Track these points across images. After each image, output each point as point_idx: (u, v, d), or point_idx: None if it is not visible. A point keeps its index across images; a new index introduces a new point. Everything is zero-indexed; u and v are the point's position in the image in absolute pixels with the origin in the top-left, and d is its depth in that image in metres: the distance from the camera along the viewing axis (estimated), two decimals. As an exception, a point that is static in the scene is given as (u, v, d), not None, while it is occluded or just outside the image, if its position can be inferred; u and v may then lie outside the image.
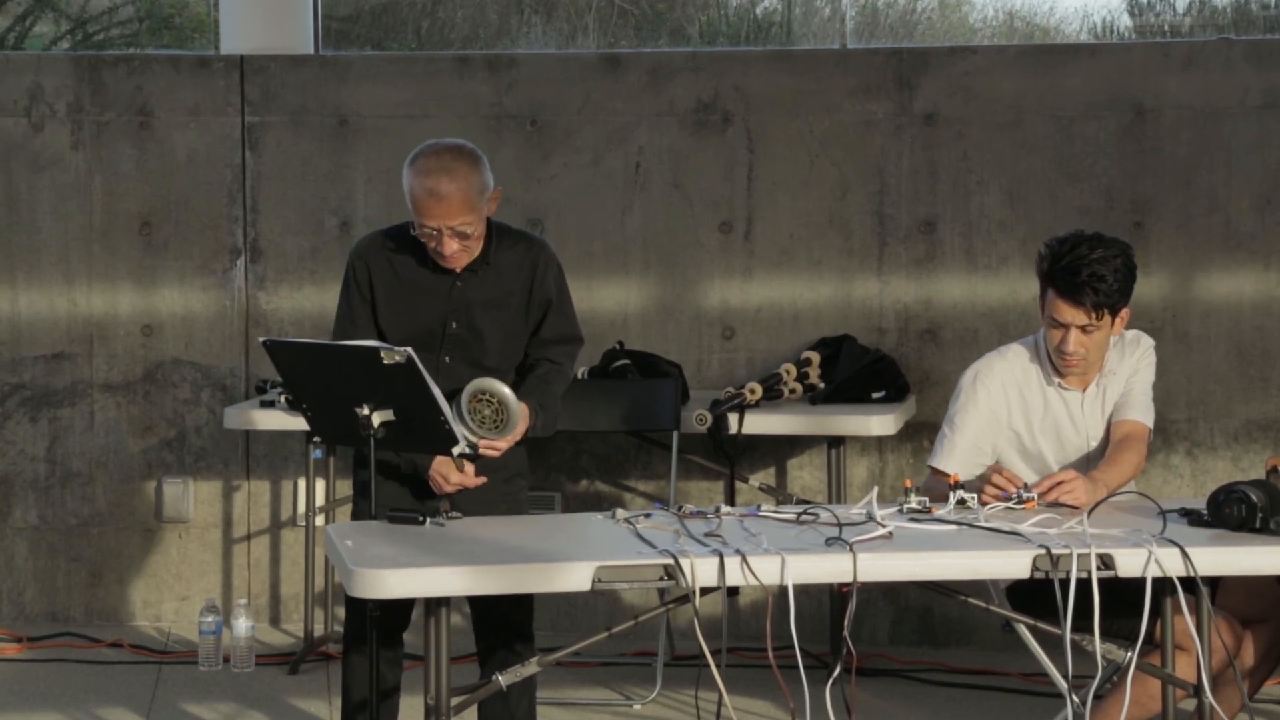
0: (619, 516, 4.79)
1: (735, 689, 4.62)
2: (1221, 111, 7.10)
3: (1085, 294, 5.05)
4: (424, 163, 5.00)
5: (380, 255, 5.16)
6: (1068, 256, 5.07)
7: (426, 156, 5.01)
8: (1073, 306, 5.07)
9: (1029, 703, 6.43)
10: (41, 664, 6.99)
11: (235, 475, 7.50)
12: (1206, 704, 4.63)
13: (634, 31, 8.37)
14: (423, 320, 5.12)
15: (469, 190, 4.97)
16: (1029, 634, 5.11)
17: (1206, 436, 7.14)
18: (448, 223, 4.97)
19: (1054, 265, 5.09)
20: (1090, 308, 5.06)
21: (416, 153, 5.04)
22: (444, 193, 4.95)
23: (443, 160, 4.99)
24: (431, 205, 4.96)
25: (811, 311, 7.28)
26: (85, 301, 7.47)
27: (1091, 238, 5.12)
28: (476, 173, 5.00)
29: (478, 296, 5.11)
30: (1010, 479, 4.91)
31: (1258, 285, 7.11)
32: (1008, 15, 8.64)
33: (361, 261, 5.17)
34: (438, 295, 5.11)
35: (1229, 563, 4.59)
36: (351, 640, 5.24)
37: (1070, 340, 5.11)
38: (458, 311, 5.10)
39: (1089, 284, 5.04)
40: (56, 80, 7.46)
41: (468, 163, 5.00)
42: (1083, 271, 5.04)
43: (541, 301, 5.16)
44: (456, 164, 4.99)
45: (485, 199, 5.03)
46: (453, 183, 4.95)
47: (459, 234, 4.99)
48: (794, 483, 7.28)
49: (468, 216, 4.98)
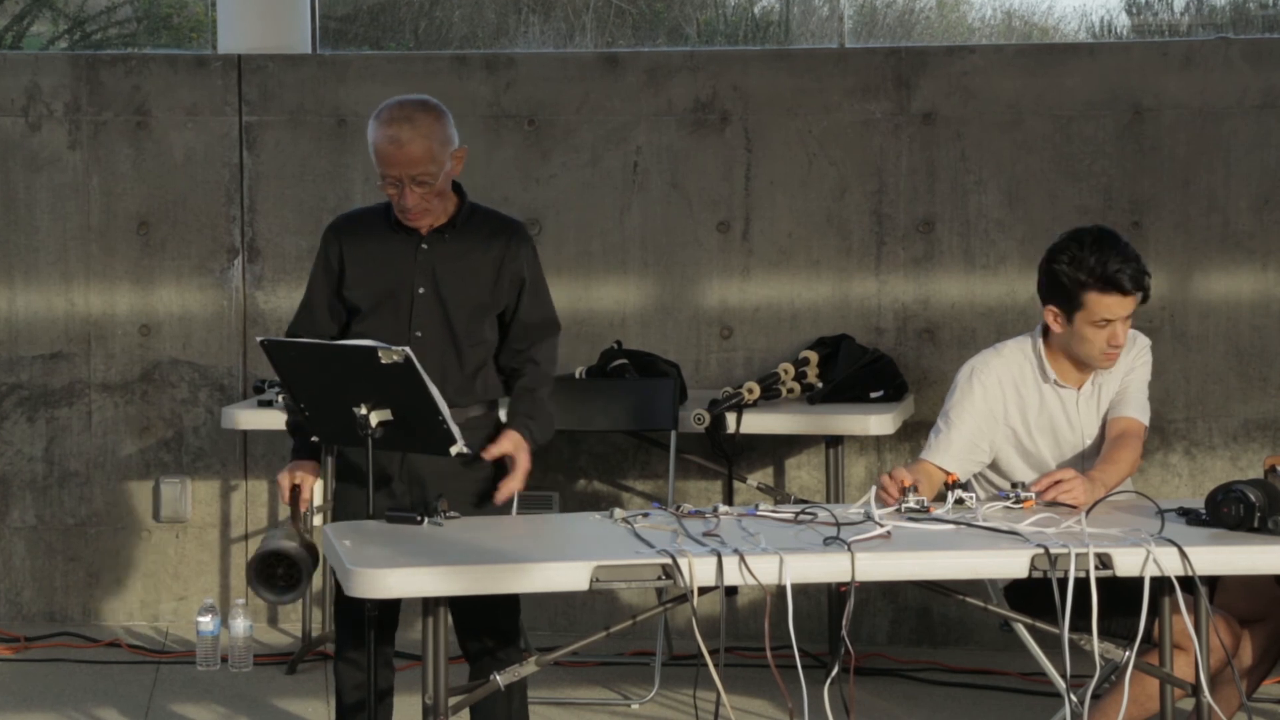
0: (617, 516, 4.79)
1: (733, 689, 4.62)
2: (1220, 111, 7.10)
3: (1126, 279, 5.08)
4: (387, 113, 5.05)
5: (352, 226, 5.22)
6: (1093, 257, 5.08)
7: (391, 108, 5.07)
8: (1121, 296, 5.10)
9: (1027, 702, 6.44)
10: (39, 664, 6.98)
11: (233, 475, 7.50)
12: (1205, 703, 4.64)
13: (632, 31, 8.36)
14: (389, 284, 5.11)
15: (430, 139, 5.00)
16: (1027, 633, 5.11)
17: (1205, 436, 7.14)
18: (409, 171, 4.99)
19: (1088, 271, 5.08)
20: (1134, 289, 5.10)
21: (381, 106, 5.10)
22: (404, 139, 4.99)
23: (406, 110, 5.04)
24: (393, 152, 4.99)
25: (810, 311, 7.28)
26: (83, 301, 7.46)
27: (1108, 231, 5.17)
28: (439, 124, 5.04)
29: (445, 261, 5.09)
30: (899, 479, 4.89)
31: (1256, 284, 7.11)
32: (1006, 14, 8.64)
33: (333, 233, 5.22)
34: (404, 258, 5.11)
35: (1227, 562, 4.59)
36: (341, 643, 5.22)
37: (1120, 332, 5.14)
38: (424, 275, 5.09)
39: (1125, 269, 5.08)
40: (54, 80, 7.45)
41: (431, 114, 5.05)
42: (1113, 261, 5.07)
43: (514, 279, 5.12)
44: (418, 114, 5.03)
45: (448, 153, 5.04)
46: (414, 130, 4.99)
47: (420, 183, 5.01)
48: (792, 482, 7.28)
49: (429, 166, 5.00)
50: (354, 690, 5.19)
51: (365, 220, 5.21)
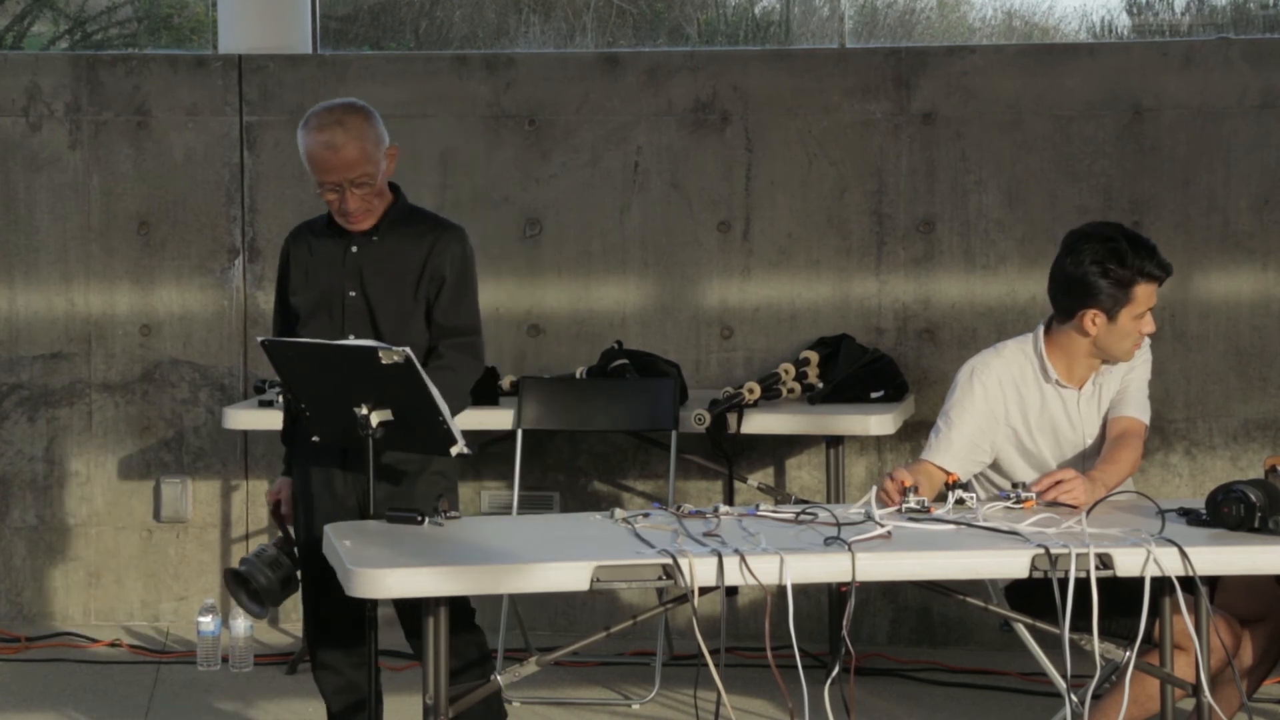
0: (617, 516, 4.79)
1: (734, 689, 4.62)
2: (1220, 111, 7.10)
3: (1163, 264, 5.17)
4: (316, 120, 5.06)
5: (299, 234, 5.26)
6: (1132, 252, 5.12)
7: (319, 114, 5.08)
8: (1156, 285, 5.18)
9: (1027, 702, 6.43)
10: (40, 664, 6.98)
11: (234, 475, 7.50)
12: (1205, 703, 4.63)
13: (632, 31, 8.36)
14: (322, 288, 5.14)
15: (363, 140, 5.01)
16: (1027, 633, 5.11)
17: (1205, 436, 7.14)
18: (347, 175, 5.01)
19: (1136, 268, 5.12)
20: (1164, 273, 5.18)
21: (309, 114, 5.11)
22: (340, 144, 4.99)
23: (335, 115, 5.05)
24: (328, 157, 5.00)
25: (810, 311, 7.28)
26: (83, 301, 7.46)
27: (1109, 228, 5.22)
28: (370, 125, 5.05)
29: (372, 265, 5.10)
30: (899, 479, 4.89)
31: (1256, 285, 7.11)
32: (1006, 14, 8.64)
33: (286, 242, 5.28)
34: (335, 262, 5.13)
35: (1227, 562, 4.59)
36: (316, 651, 5.21)
37: (1150, 319, 5.19)
38: (353, 279, 5.10)
39: (1156, 254, 5.16)
40: (54, 80, 7.45)
41: (360, 116, 5.06)
42: (1146, 250, 5.14)
43: (435, 278, 5.09)
44: (349, 117, 5.04)
45: (382, 152, 5.06)
46: (347, 135, 5.00)
47: (359, 185, 5.02)
48: (793, 482, 7.28)
49: (366, 167, 5.01)
50: (337, 696, 5.18)
51: (312, 227, 5.24)
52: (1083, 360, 5.24)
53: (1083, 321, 5.15)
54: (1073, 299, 5.16)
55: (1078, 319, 5.16)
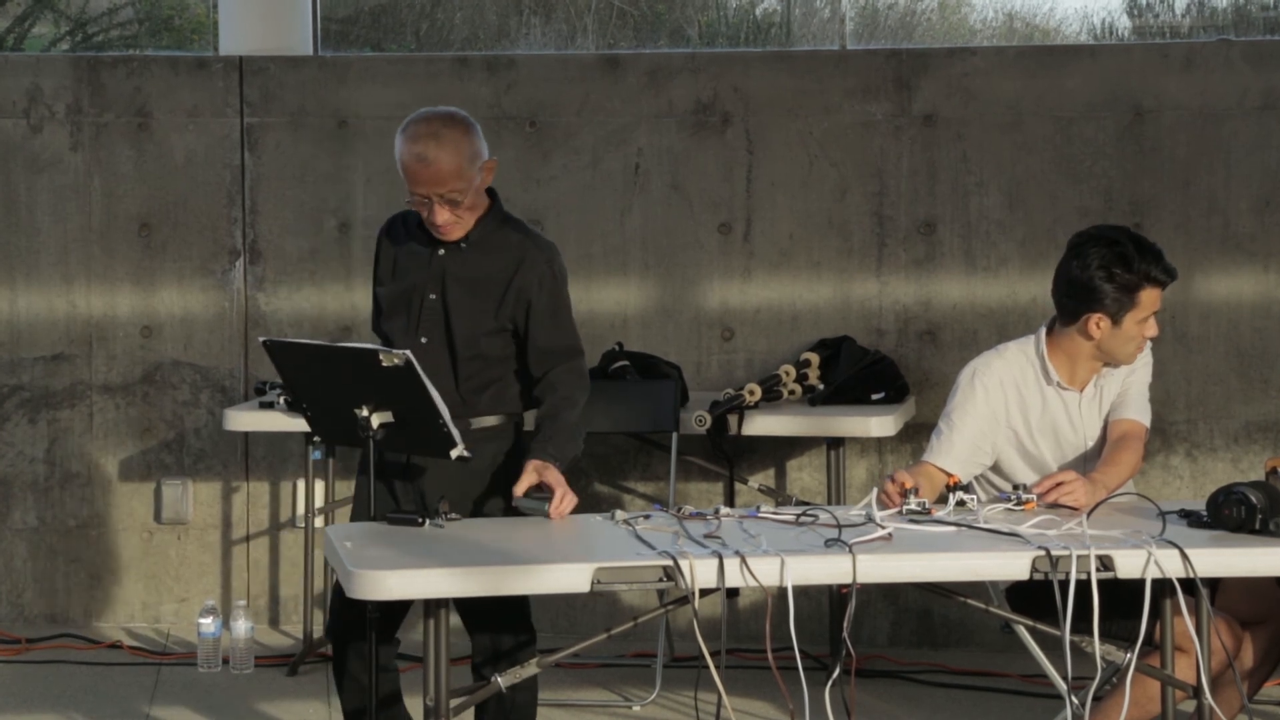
0: (618, 518, 4.79)
1: (735, 690, 4.62)
2: (1221, 112, 7.10)
3: (1167, 268, 5.15)
4: (414, 129, 4.99)
5: (394, 227, 5.21)
6: (1138, 256, 5.10)
7: (416, 123, 5.01)
8: (1160, 290, 5.17)
9: (1028, 704, 6.44)
10: (41, 665, 6.98)
11: (234, 477, 7.50)
12: (1206, 705, 4.64)
13: (633, 32, 8.37)
14: (405, 288, 5.11)
15: (458, 156, 4.95)
16: (1028, 635, 5.11)
17: (1206, 438, 7.15)
18: (437, 189, 4.96)
19: (1141, 272, 5.11)
20: (1169, 278, 5.17)
21: (408, 120, 5.04)
22: (432, 158, 4.93)
23: (432, 126, 4.98)
24: (420, 170, 4.95)
25: (811, 312, 7.28)
26: (84, 303, 7.47)
27: (1115, 232, 5.21)
28: (467, 140, 4.98)
29: (456, 271, 5.06)
30: (900, 481, 4.89)
31: (1257, 286, 7.11)
32: (1007, 16, 8.65)
33: (381, 232, 5.24)
34: (421, 264, 5.10)
35: (1228, 564, 4.59)
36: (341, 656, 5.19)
37: (1154, 323, 5.19)
38: (435, 283, 5.07)
39: (1162, 259, 5.14)
40: (55, 81, 7.46)
41: (458, 130, 4.99)
42: (1151, 255, 5.12)
43: (522, 298, 5.05)
44: (446, 130, 4.97)
45: (477, 167, 4.99)
46: (440, 149, 4.93)
47: (449, 201, 4.97)
48: (793, 484, 7.28)
49: (457, 183, 4.96)
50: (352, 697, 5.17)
51: (407, 221, 5.18)
52: (1085, 363, 5.24)
53: (1087, 325, 5.15)
54: (1077, 302, 5.16)
55: (1082, 322, 5.15)
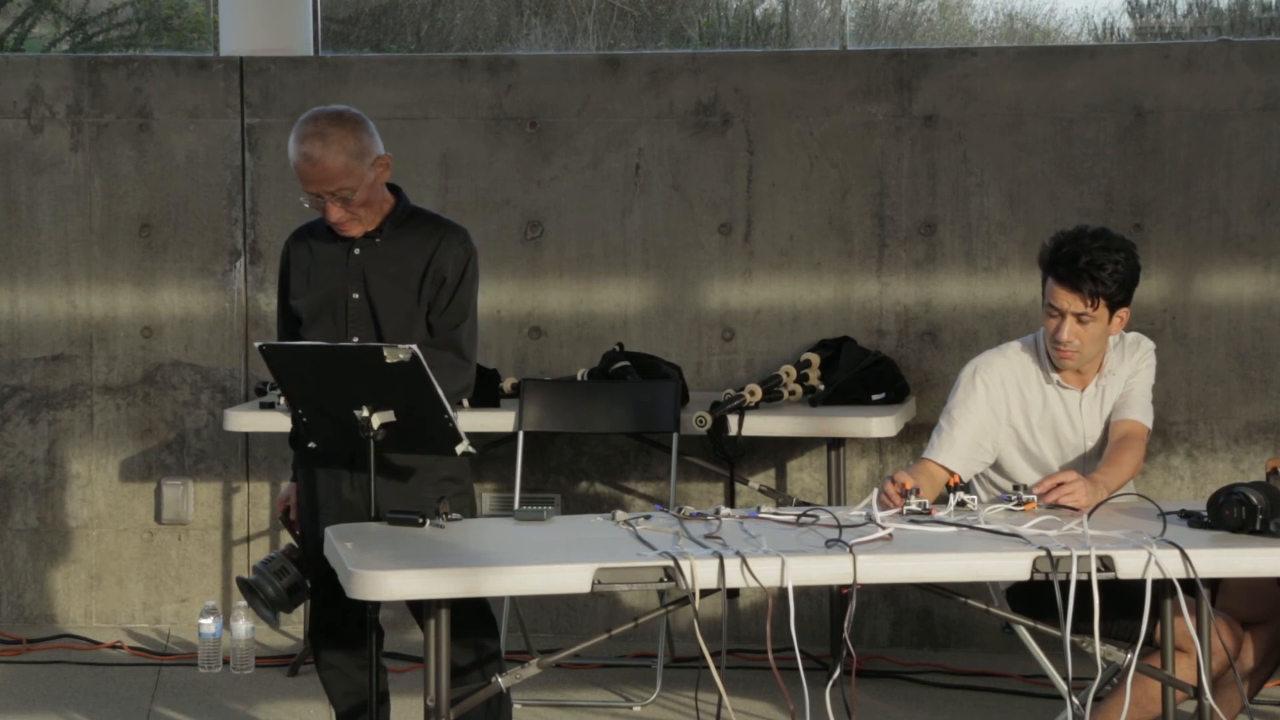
0: (619, 518, 4.79)
1: (735, 691, 4.62)
2: (1221, 113, 7.10)
3: (1083, 280, 5.07)
4: (301, 129, 5.01)
5: (301, 237, 5.22)
6: (1069, 245, 5.10)
7: (304, 123, 5.02)
8: (1069, 292, 5.09)
9: (1029, 704, 6.43)
10: (41, 666, 6.98)
11: (235, 477, 7.50)
12: (1206, 705, 4.63)
13: (633, 33, 8.37)
14: (325, 290, 5.11)
15: (344, 154, 4.95)
16: (1029, 635, 5.11)
17: (1206, 438, 7.14)
18: (326, 188, 4.97)
19: (1055, 253, 5.12)
20: (1086, 295, 5.07)
21: (298, 121, 5.05)
22: (318, 157, 4.94)
23: (319, 126, 4.99)
24: (308, 170, 4.96)
25: (811, 313, 7.28)
26: (85, 303, 7.47)
27: (1097, 231, 5.16)
28: (354, 137, 4.98)
29: (375, 266, 5.07)
30: (900, 481, 4.89)
31: (1257, 287, 7.11)
32: (1008, 17, 8.65)
33: (286, 244, 5.24)
34: (337, 264, 5.10)
35: (1229, 564, 4.59)
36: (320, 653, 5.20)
37: (1065, 329, 5.12)
38: (356, 281, 5.08)
39: (1087, 271, 5.07)
40: (56, 82, 7.46)
41: (345, 128, 4.99)
42: (1081, 258, 5.07)
43: (438, 275, 5.05)
44: (332, 129, 4.97)
45: (367, 164, 4.98)
46: (326, 148, 4.94)
47: (340, 198, 4.98)
48: (794, 484, 7.28)
49: (346, 181, 4.96)
50: (345, 698, 5.18)
51: (313, 229, 5.20)
52: None
53: None
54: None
55: None
